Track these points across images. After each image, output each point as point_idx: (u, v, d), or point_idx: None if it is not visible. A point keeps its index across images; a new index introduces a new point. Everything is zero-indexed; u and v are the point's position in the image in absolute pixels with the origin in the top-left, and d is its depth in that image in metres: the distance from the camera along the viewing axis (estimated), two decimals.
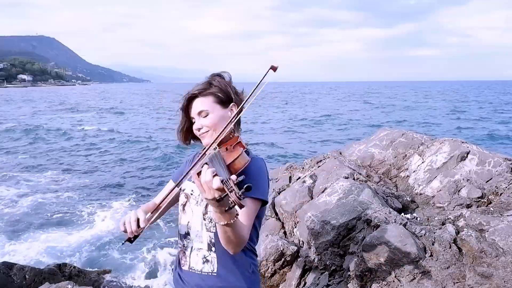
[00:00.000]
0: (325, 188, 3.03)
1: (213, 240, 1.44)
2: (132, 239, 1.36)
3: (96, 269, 5.43)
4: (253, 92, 1.32)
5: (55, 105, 44.48)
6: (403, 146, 3.63)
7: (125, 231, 1.33)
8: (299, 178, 3.60)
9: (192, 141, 1.61)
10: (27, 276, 4.10)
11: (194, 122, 1.50)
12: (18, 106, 41.64)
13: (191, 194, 1.49)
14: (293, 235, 3.06)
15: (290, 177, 3.79)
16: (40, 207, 8.61)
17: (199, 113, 1.47)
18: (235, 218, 1.17)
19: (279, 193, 3.51)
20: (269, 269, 2.81)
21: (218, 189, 1.06)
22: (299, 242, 2.94)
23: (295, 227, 3.06)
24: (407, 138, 3.68)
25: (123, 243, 1.41)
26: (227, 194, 1.06)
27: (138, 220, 1.32)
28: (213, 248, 1.44)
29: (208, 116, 1.47)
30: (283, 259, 2.81)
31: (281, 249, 2.81)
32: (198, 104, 1.47)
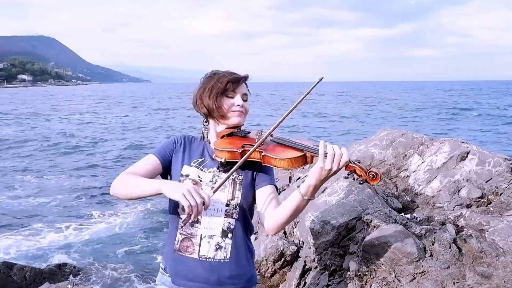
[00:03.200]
0: (325, 188, 3.03)
1: (232, 226, 1.46)
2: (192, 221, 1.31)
3: (96, 269, 5.43)
4: (303, 97, 1.44)
5: None
6: (403, 146, 3.63)
7: (189, 213, 1.21)
8: (299, 178, 3.60)
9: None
10: (27, 276, 4.10)
11: (231, 97, 1.52)
12: None
13: (200, 180, 1.47)
14: (293, 235, 3.07)
15: (290, 177, 3.79)
16: (41, 207, 8.62)
17: (245, 95, 1.54)
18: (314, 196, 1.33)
19: (279, 193, 3.51)
20: (269, 269, 2.81)
21: (345, 163, 1.25)
22: (299, 242, 2.94)
23: (295, 227, 3.06)
24: (407, 138, 3.68)
25: (182, 226, 1.43)
26: (355, 169, 1.27)
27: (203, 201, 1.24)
28: (229, 235, 1.46)
29: (247, 102, 1.56)
30: (283, 259, 2.81)
31: (281, 249, 2.81)
32: (245, 88, 1.56)
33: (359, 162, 1.28)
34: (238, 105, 1.50)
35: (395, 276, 2.06)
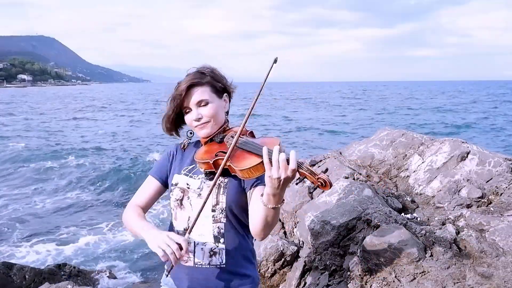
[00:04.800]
0: None
1: (222, 231, 1.44)
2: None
3: (96, 269, 5.43)
4: (263, 85, 1.35)
5: None
6: (403, 146, 3.63)
7: (167, 260, 1.25)
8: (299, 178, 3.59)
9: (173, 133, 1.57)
10: (27, 276, 4.10)
11: (188, 112, 1.47)
12: None
13: (188, 188, 1.47)
14: (293, 235, 3.06)
15: None
16: (47, 211, 8.60)
17: (199, 102, 1.45)
18: (282, 202, 1.25)
19: None
20: (269, 269, 2.81)
21: (294, 170, 1.17)
22: (299, 242, 2.94)
23: (295, 227, 3.06)
24: (407, 138, 3.68)
25: (167, 275, 1.39)
26: (306, 175, 1.20)
27: (180, 246, 1.26)
28: (221, 240, 1.44)
29: (208, 106, 1.45)
30: (283, 259, 2.81)
31: (281, 249, 2.81)
32: (198, 94, 1.45)
33: (313, 166, 1.21)
34: (195, 120, 1.45)
35: (395, 276, 2.06)
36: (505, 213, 2.37)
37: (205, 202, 1.31)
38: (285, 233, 3.17)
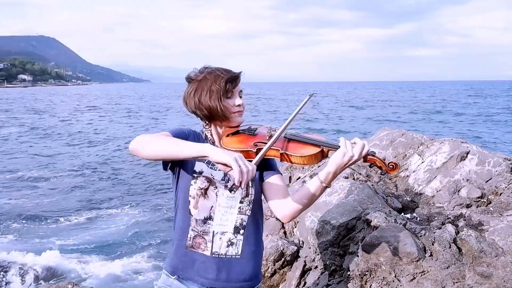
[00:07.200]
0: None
1: (244, 223, 1.47)
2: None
3: (97, 268, 5.43)
4: (296, 112, 1.48)
5: None
6: (403, 146, 3.64)
7: (240, 180, 1.14)
8: (299, 178, 3.60)
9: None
10: (27, 276, 4.10)
11: (230, 97, 1.49)
12: None
13: (214, 178, 1.47)
14: (293, 235, 3.07)
15: (290, 177, 3.79)
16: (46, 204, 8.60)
17: (241, 92, 1.54)
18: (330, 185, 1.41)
19: None
20: (269, 269, 2.81)
21: (367, 152, 1.36)
22: (299, 242, 2.94)
23: (295, 227, 3.07)
24: (407, 138, 3.68)
25: (235, 191, 1.42)
26: (375, 161, 1.39)
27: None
28: (241, 231, 1.47)
29: (243, 98, 1.56)
30: (283, 259, 2.81)
31: (281, 249, 2.81)
32: (240, 84, 1.53)
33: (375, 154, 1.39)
34: (238, 105, 1.49)
35: (395, 276, 2.06)
36: (504, 213, 2.37)
37: (260, 158, 1.31)
38: (285, 233, 3.18)
